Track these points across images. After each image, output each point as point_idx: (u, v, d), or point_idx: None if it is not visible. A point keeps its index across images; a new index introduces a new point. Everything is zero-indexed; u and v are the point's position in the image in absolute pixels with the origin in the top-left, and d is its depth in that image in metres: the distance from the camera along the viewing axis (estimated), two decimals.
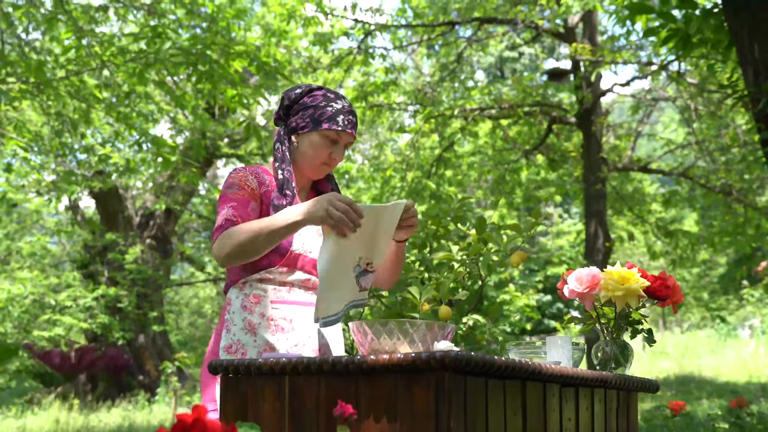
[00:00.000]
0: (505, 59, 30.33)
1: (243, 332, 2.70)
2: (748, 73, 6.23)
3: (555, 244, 26.40)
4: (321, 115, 2.74)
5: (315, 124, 2.75)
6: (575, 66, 13.59)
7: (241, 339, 2.69)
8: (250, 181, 2.74)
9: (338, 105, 2.77)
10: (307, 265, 2.77)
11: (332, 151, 2.78)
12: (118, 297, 15.96)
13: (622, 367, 2.87)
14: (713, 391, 12.66)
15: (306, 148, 2.78)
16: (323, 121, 2.74)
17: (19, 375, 18.05)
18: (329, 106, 2.76)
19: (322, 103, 2.77)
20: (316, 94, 2.80)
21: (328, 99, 2.78)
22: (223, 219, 2.64)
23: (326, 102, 2.77)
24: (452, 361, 1.92)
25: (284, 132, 2.83)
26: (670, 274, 2.90)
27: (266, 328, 2.70)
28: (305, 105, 2.79)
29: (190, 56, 8.16)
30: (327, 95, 2.80)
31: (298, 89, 2.83)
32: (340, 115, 2.76)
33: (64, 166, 12.99)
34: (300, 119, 2.78)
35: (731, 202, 14.40)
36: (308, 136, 2.77)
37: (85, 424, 11.62)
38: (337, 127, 2.74)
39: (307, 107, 2.78)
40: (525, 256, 3.97)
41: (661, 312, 25.93)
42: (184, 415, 1.38)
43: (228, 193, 2.71)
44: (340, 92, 2.88)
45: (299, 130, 2.79)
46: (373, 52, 12.39)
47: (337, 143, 2.78)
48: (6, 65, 8.56)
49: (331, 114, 2.75)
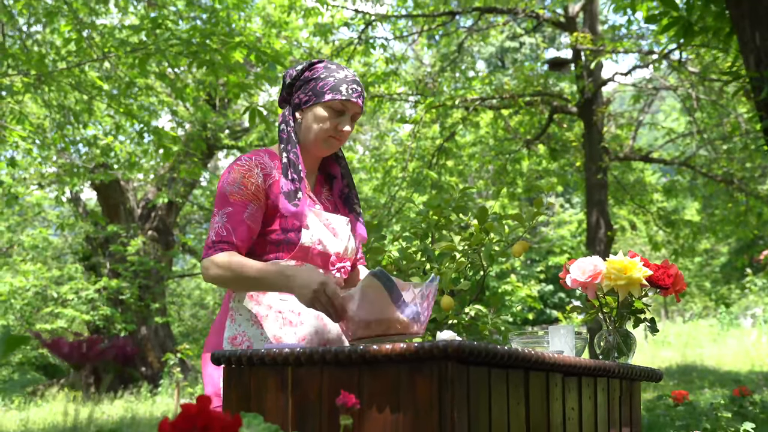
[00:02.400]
0: (505, 49, 30.29)
1: (249, 323, 2.63)
2: (750, 60, 6.21)
3: (556, 233, 26.39)
4: (323, 86, 2.65)
5: (317, 96, 2.65)
6: (576, 55, 13.56)
7: (247, 331, 2.63)
8: (255, 177, 2.62)
9: (340, 74, 2.67)
10: (316, 258, 2.69)
11: (338, 123, 2.67)
12: (120, 289, 15.97)
13: (625, 356, 2.87)
14: (716, 380, 12.67)
15: (311, 123, 2.68)
16: (326, 92, 2.64)
17: (22, 367, 18.09)
18: (331, 76, 2.66)
19: (323, 74, 2.67)
20: (317, 66, 2.71)
21: (330, 69, 2.69)
22: (215, 234, 2.57)
23: (327, 72, 2.67)
24: (455, 351, 1.92)
25: (288, 112, 2.73)
26: (672, 263, 2.89)
27: (273, 321, 2.64)
28: (306, 79, 2.69)
29: (190, 46, 8.16)
30: (328, 66, 2.70)
31: (299, 66, 2.73)
32: (344, 84, 2.66)
33: (66, 159, 13.00)
34: (302, 94, 2.69)
35: (733, 190, 14.39)
36: (312, 110, 2.67)
37: (88, 416, 11.65)
38: (341, 96, 2.64)
39: (308, 81, 2.68)
40: (526, 245, 3.97)
41: (663, 301, 25.95)
42: (189, 405, 1.38)
43: (227, 192, 2.61)
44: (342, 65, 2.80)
45: (302, 106, 2.69)
46: (373, 42, 12.37)
47: (343, 114, 2.67)
48: (7, 57, 8.55)
49: (334, 84, 2.65)
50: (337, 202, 2.84)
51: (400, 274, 4.33)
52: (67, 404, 12.81)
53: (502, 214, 4.17)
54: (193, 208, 21.04)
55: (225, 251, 2.55)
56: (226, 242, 2.56)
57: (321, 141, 2.69)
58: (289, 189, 2.60)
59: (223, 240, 2.56)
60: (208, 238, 2.59)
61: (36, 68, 8.50)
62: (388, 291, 2.30)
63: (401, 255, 4.50)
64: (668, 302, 27.36)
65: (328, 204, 2.82)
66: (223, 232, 2.56)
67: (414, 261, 4.42)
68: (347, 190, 2.85)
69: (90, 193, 22.52)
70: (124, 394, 14.58)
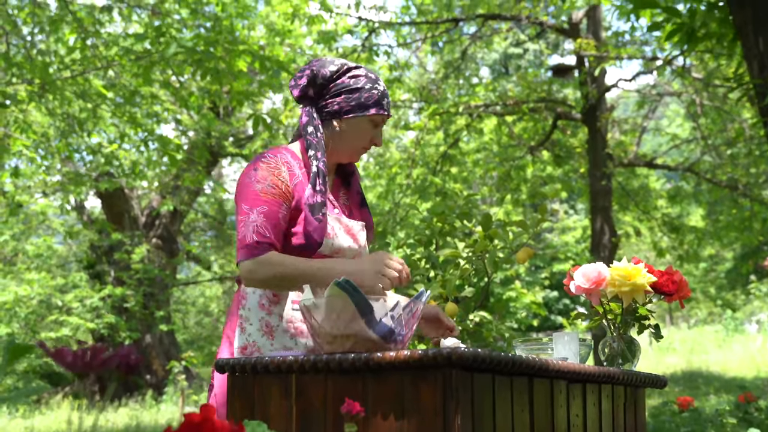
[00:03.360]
0: (509, 56, 30.31)
1: (259, 334, 2.56)
2: (753, 66, 6.21)
3: (561, 240, 26.37)
4: (368, 99, 2.60)
5: (362, 108, 2.59)
6: (580, 62, 13.57)
7: (258, 341, 2.56)
8: (283, 176, 2.54)
9: (381, 87, 2.63)
10: None
11: (374, 136, 2.66)
12: (124, 297, 15.98)
13: (630, 362, 2.86)
14: (721, 386, 12.65)
15: (350, 134, 2.62)
16: (371, 105, 2.60)
17: (27, 375, 18.09)
18: (374, 89, 2.61)
19: (366, 85, 2.61)
20: (359, 75, 2.63)
21: (372, 81, 2.62)
22: (255, 234, 2.46)
23: (371, 84, 2.61)
24: (459, 358, 1.92)
25: (318, 114, 2.64)
26: (677, 269, 2.89)
27: (284, 332, 2.58)
28: (347, 87, 2.60)
29: (194, 55, 8.17)
30: (369, 76, 2.64)
31: (332, 66, 2.62)
32: (384, 99, 2.64)
33: (70, 167, 13.02)
34: (344, 102, 2.60)
35: (737, 196, 14.38)
36: (354, 121, 2.61)
37: (92, 424, 11.64)
38: (383, 111, 2.62)
39: (350, 89, 2.60)
40: (531, 252, 3.96)
41: (668, 307, 25.93)
42: (193, 414, 1.38)
43: (258, 190, 2.50)
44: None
45: (343, 114, 2.60)
46: (377, 49, 12.39)
47: (378, 127, 2.66)
48: (11, 66, 8.58)
49: (378, 98, 2.61)
50: (353, 204, 2.80)
51: None
52: (72, 412, 12.81)
53: (507, 220, 4.17)
54: (198, 215, 21.06)
55: (268, 252, 2.46)
56: (268, 243, 2.47)
57: (356, 152, 2.67)
58: (314, 201, 2.52)
59: (265, 240, 2.46)
60: (246, 238, 2.46)
61: (40, 77, 8.52)
62: (355, 303, 2.08)
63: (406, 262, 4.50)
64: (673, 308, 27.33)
65: (345, 208, 2.77)
66: (264, 232, 2.46)
67: (418, 268, 4.42)
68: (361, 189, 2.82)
69: (94, 201, 22.54)
70: (128, 402, 14.57)
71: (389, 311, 2.12)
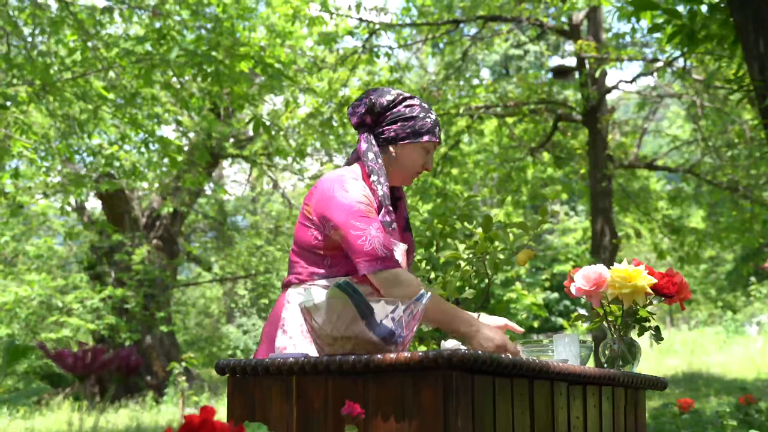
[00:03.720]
0: (510, 57, 30.31)
1: (302, 337, 2.64)
2: (754, 68, 6.21)
3: (561, 241, 26.37)
4: (422, 127, 2.79)
5: (416, 135, 2.79)
6: (580, 63, 13.56)
7: (297, 343, 2.63)
8: (371, 197, 2.71)
9: (433, 116, 2.84)
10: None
11: (425, 162, 2.84)
12: (125, 298, 15.98)
13: (630, 364, 2.86)
14: (721, 388, 12.64)
15: (404, 159, 2.81)
16: (424, 133, 2.79)
17: (27, 377, 18.09)
18: (427, 117, 2.81)
19: (420, 114, 2.80)
20: (413, 104, 2.82)
21: (425, 110, 2.83)
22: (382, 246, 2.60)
23: (424, 113, 2.81)
24: (460, 360, 1.92)
25: (376, 141, 2.82)
26: (677, 271, 2.89)
27: None
28: (403, 115, 2.80)
29: (195, 57, 8.17)
30: (422, 105, 2.84)
31: (388, 95, 2.81)
32: (436, 127, 2.83)
33: (71, 168, 13.02)
34: (399, 129, 2.79)
35: (738, 198, 14.37)
36: (407, 147, 2.80)
37: (93, 425, 11.64)
38: (435, 139, 2.82)
39: (406, 118, 2.79)
40: (531, 254, 3.96)
41: (668, 309, 25.92)
42: (192, 415, 1.38)
43: (363, 209, 2.64)
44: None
45: (398, 141, 2.80)
46: (377, 51, 12.39)
47: (429, 153, 2.85)
48: (12, 68, 8.58)
49: (430, 126, 2.81)
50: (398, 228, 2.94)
51: None
52: (73, 413, 12.81)
53: (507, 222, 4.17)
54: (198, 217, 21.05)
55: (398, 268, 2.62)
56: (394, 258, 2.63)
57: (409, 177, 2.85)
58: (385, 219, 2.71)
59: (392, 255, 2.62)
60: (377, 251, 2.59)
61: (41, 78, 8.52)
62: (355, 305, 2.12)
63: None
64: (674, 310, 27.32)
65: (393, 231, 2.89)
66: (389, 246, 2.63)
67: (419, 270, 4.42)
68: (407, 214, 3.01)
69: (95, 203, 22.55)
70: (129, 403, 14.57)
71: (389, 313, 2.13)
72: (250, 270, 21.26)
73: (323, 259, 2.68)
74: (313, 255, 2.70)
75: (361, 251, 2.58)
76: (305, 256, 2.71)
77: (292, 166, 17.81)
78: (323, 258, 2.68)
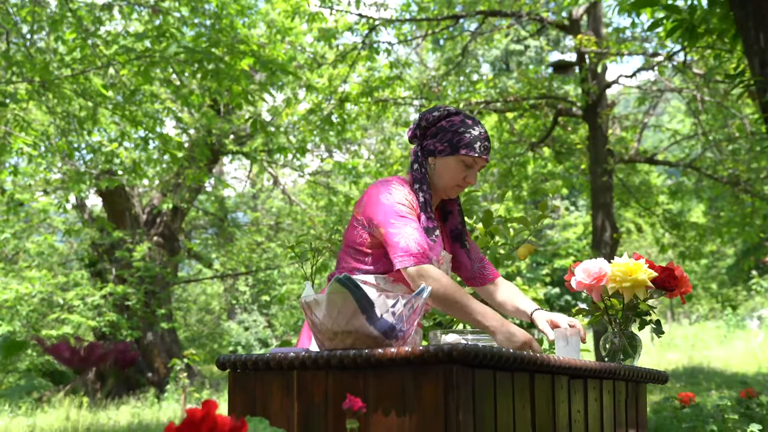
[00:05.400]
0: (510, 52, 30.28)
1: None
2: (754, 62, 6.20)
3: (562, 236, 26.37)
4: (459, 141, 2.88)
5: (453, 149, 2.88)
6: (580, 58, 13.55)
7: None
8: (413, 202, 2.85)
9: (475, 132, 2.90)
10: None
11: (467, 175, 2.92)
12: (126, 295, 15.98)
13: (631, 358, 2.86)
14: (722, 382, 12.64)
15: (442, 171, 2.91)
16: (461, 147, 2.87)
17: (29, 374, 18.09)
18: (467, 132, 2.89)
19: (460, 129, 2.89)
20: (455, 119, 2.92)
21: (466, 125, 2.91)
22: (417, 244, 2.72)
23: (464, 128, 2.90)
24: (460, 354, 1.92)
25: (421, 153, 2.95)
26: (678, 265, 2.89)
27: None
28: (443, 129, 2.92)
29: (195, 54, 8.16)
30: (465, 121, 2.92)
31: (436, 111, 2.95)
32: (477, 142, 2.89)
33: (71, 165, 13.01)
34: (438, 143, 2.91)
35: (738, 192, 14.36)
36: (445, 160, 2.90)
37: (95, 422, 11.65)
38: (474, 154, 2.88)
39: (445, 131, 2.91)
40: (532, 248, 3.96)
41: (669, 303, 25.91)
42: (194, 409, 1.38)
43: (402, 210, 2.79)
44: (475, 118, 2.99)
45: (437, 154, 2.91)
46: (377, 46, 12.38)
47: (471, 168, 2.91)
48: (12, 65, 8.57)
49: (469, 141, 2.88)
50: (445, 238, 3.07)
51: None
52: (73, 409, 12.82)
53: (508, 217, 4.17)
54: (199, 213, 21.06)
55: (430, 264, 2.73)
56: (428, 256, 2.75)
57: (449, 189, 2.95)
58: (427, 225, 2.86)
59: (426, 252, 2.74)
60: (411, 248, 2.72)
61: (40, 75, 8.52)
62: (356, 300, 2.13)
63: None
64: (675, 304, 27.32)
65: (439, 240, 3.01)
66: (424, 244, 2.75)
67: None
68: (460, 227, 3.08)
69: (95, 200, 22.56)
70: (130, 400, 14.58)
71: (390, 307, 2.14)
72: (250, 266, 21.26)
73: (366, 257, 2.85)
74: (358, 252, 2.87)
75: (397, 247, 2.73)
76: (351, 253, 2.89)
77: (292, 163, 17.81)
78: (366, 255, 2.85)
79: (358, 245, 2.86)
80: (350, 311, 2.13)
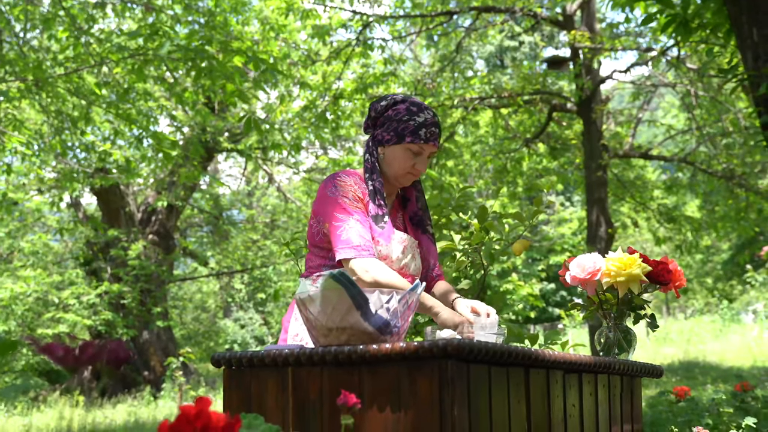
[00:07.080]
0: (504, 48, 30.29)
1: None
2: (748, 57, 6.21)
3: (557, 232, 26.40)
4: (404, 129, 2.89)
5: (398, 137, 2.90)
6: (574, 53, 13.55)
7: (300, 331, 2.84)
8: (359, 193, 2.89)
9: (420, 119, 2.90)
10: None
11: (415, 163, 2.93)
12: (121, 293, 15.97)
13: (626, 352, 2.87)
14: (718, 376, 12.67)
15: (391, 160, 2.94)
16: (406, 135, 2.89)
17: (25, 373, 18.08)
18: (412, 119, 2.90)
19: (404, 117, 2.91)
20: (400, 107, 2.94)
21: (411, 113, 2.91)
22: (358, 236, 2.77)
23: (409, 116, 2.91)
24: (455, 349, 1.92)
25: (372, 143, 2.99)
26: (672, 259, 2.89)
27: None
28: (389, 118, 2.94)
29: (188, 52, 8.15)
30: (410, 108, 2.93)
31: (383, 101, 2.97)
32: (422, 129, 2.89)
33: (65, 164, 12.98)
34: (385, 132, 2.93)
35: (733, 186, 14.38)
36: (392, 149, 2.92)
37: (90, 421, 11.64)
38: (420, 141, 2.89)
39: (391, 120, 2.93)
40: (527, 244, 3.97)
41: (664, 298, 25.95)
42: (188, 406, 1.38)
43: (345, 204, 2.84)
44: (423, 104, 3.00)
45: (385, 143, 2.94)
46: (371, 43, 12.36)
47: (420, 155, 2.93)
48: (4, 64, 8.55)
49: (413, 128, 2.89)
50: (407, 224, 3.11)
51: None
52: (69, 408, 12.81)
53: (503, 212, 4.17)
54: (194, 211, 21.04)
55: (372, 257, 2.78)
56: (369, 248, 2.79)
57: (399, 177, 2.97)
58: (376, 213, 2.88)
59: (367, 244, 2.78)
60: (352, 239, 2.77)
61: (33, 74, 8.50)
62: (351, 296, 2.12)
63: None
64: (670, 299, 27.36)
65: (400, 225, 3.09)
66: (366, 236, 2.80)
67: None
68: (420, 212, 3.11)
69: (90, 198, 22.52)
70: (126, 398, 14.57)
71: (384, 303, 2.14)
72: (246, 264, 21.27)
73: (328, 252, 2.89)
74: (320, 249, 2.91)
75: (338, 239, 2.79)
76: (314, 251, 2.94)
77: (287, 160, 17.80)
78: (328, 251, 2.89)
79: (318, 242, 2.91)
80: (345, 307, 2.12)
